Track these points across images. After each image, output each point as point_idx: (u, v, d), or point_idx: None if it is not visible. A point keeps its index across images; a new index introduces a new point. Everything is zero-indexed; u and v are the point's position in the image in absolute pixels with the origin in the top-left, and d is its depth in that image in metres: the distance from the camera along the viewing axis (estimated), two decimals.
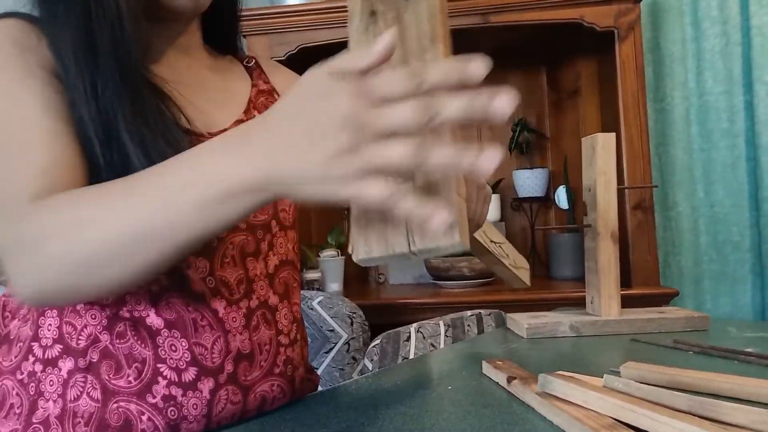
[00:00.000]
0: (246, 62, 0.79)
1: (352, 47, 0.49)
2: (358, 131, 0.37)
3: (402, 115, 0.36)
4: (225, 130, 0.65)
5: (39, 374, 0.57)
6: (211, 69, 0.73)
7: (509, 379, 0.60)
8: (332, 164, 0.38)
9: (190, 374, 0.57)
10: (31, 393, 0.57)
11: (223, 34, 0.77)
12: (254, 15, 1.57)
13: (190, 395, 0.56)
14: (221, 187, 0.42)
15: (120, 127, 0.53)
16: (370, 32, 0.49)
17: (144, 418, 0.56)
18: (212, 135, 0.63)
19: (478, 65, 0.36)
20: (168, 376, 0.56)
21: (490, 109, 0.35)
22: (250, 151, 0.42)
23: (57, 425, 0.55)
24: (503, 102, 0.35)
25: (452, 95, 0.36)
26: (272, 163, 0.41)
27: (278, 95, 0.77)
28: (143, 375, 0.56)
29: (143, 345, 0.56)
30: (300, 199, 0.41)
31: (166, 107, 0.59)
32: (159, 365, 0.56)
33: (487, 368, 0.67)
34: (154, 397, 0.56)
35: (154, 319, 0.57)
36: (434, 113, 0.36)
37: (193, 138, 0.60)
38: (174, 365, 0.56)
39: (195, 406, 0.57)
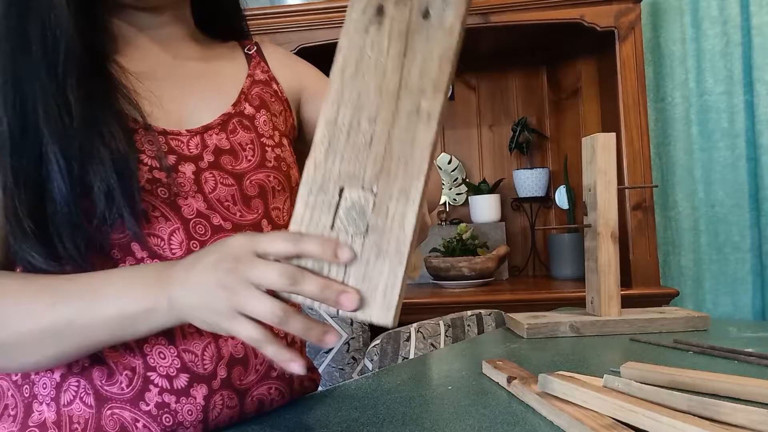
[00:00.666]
0: (247, 49, 0.74)
1: (344, 43, 0.45)
2: (231, 272, 0.44)
3: (267, 275, 0.43)
4: (208, 125, 0.62)
5: (33, 376, 0.56)
6: (202, 60, 0.69)
7: (509, 379, 0.60)
8: (211, 297, 0.45)
9: (181, 381, 0.56)
10: (26, 395, 0.56)
11: (220, 21, 0.74)
12: (254, 15, 1.56)
13: (184, 402, 0.56)
14: (130, 309, 0.49)
15: (39, 122, 0.51)
16: (370, 33, 0.44)
17: (139, 425, 0.55)
18: (191, 132, 0.61)
19: (345, 252, 0.43)
20: (159, 384, 0.55)
21: (338, 302, 0.42)
22: (165, 281, 0.49)
23: (54, 430, 0.55)
24: (349, 299, 0.42)
25: (313, 278, 0.43)
26: (177, 291, 0.48)
27: (277, 84, 0.73)
28: (134, 383, 0.55)
29: (131, 353, 0.55)
30: (197, 325, 0.48)
31: (117, 101, 0.56)
32: (149, 373, 0.55)
33: (487, 368, 0.67)
34: (148, 405, 0.55)
35: None
36: (294, 284, 0.42)
37: (156, 136, 0.58)
38: (164, 373, 0.55)
39: (190, 413, 0.56)
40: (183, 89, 0.65)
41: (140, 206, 0.54)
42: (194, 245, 0.58)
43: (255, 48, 0.75)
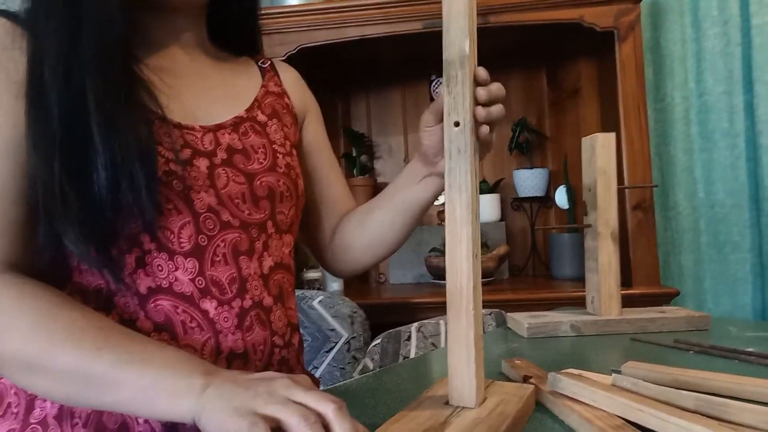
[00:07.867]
0: (261, 63, 0.78)
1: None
2: (270, 383, 0.44)
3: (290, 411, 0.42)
4: (221, 124, 0.64)
5: None
6: (217, 68, 0.72)
7: (525, 378, 0.60)
8: (249, 389, 0.44)
9: None
10: (28, 392, 0.57)
11: (236, 35, 0.76)
12: None
13: None
14: (167, 381, 0.47)
15: (90, 108, 0.51)
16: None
17: (140, 421, 0.55)
18: (205, 128, 0.62)
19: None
20: None
21: None
22: (209, 374, 0.47)
23: (56, 425, 0.55)
24: None
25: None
26: (217, 381, 0.46)
27: (288, 98, 0.76)
28: None
29: None
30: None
31: (138, 93, 0.57)
32: None
33: (506, 367, 0.66)
34: None
35: (143, 322, 0.56)
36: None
37: (172, 129, 0.59)
38: None
39: None
40: (199, 89, 0.67)
41: (158, 197, 0.55)
42: (202, 239, 0.59)
43: (269, 63, 0.79)
